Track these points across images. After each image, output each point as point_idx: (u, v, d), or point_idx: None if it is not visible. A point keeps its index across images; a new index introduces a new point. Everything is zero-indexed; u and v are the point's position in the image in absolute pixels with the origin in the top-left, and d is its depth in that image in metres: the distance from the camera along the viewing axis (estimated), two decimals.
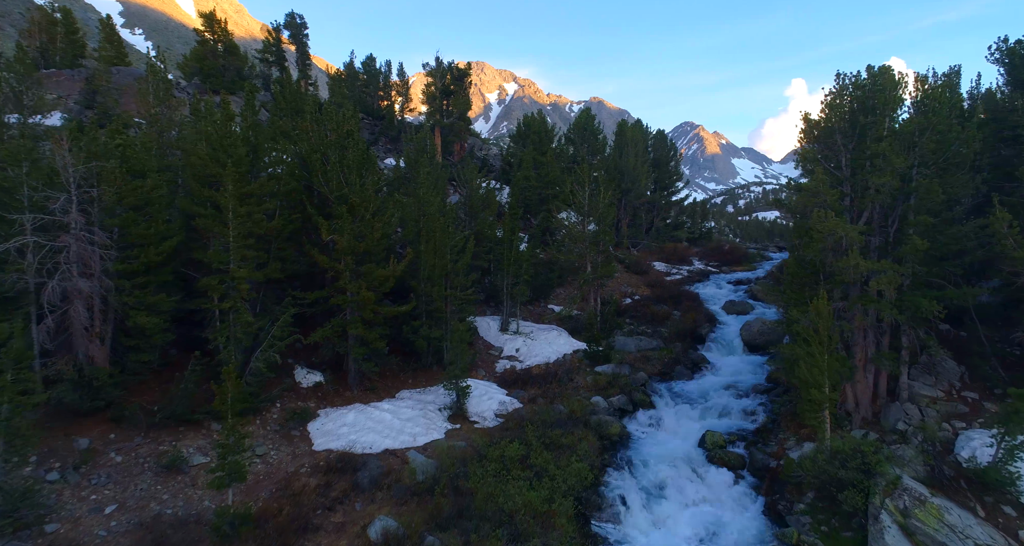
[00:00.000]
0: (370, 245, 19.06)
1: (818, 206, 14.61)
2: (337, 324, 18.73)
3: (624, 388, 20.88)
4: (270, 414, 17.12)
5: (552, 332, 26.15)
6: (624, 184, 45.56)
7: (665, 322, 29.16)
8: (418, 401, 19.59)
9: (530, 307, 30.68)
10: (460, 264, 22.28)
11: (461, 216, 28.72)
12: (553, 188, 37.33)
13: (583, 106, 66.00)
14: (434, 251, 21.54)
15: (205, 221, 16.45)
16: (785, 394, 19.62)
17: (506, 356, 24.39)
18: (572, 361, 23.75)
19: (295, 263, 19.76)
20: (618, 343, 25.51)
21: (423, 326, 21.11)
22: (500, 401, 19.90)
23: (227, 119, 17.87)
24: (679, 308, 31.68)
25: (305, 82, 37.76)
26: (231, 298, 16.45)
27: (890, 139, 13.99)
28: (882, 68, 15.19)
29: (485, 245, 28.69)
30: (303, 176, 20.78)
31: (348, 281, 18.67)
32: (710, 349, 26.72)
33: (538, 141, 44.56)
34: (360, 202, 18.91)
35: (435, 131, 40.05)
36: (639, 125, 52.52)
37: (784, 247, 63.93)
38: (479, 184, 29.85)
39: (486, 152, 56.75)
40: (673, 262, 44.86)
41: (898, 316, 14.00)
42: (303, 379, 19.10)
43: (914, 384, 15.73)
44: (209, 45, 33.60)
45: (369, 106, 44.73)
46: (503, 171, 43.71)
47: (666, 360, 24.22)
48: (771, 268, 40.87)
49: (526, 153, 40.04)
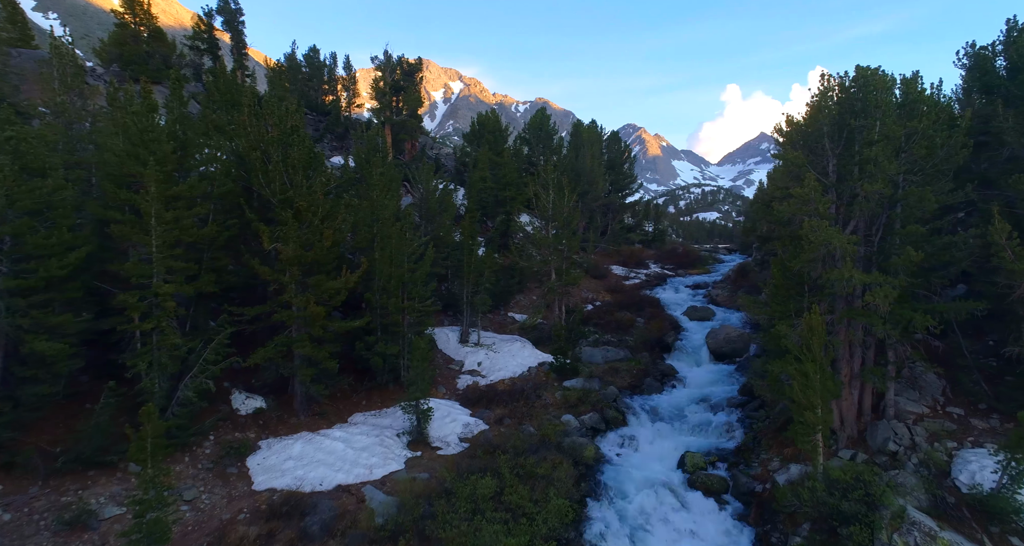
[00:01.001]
0: (319, 254, 17.05)
1: (809, 215, 13.79)
2: (281, 343, 16.63)
3: (595, 405, 19.67)
4: (201, 449, 14.87)
5: (515, 343, 24.71)
6: (581, 186, 44.66)
7: (630, 330, 28.28)
8: (373, 426, 17.72)
9: (490, 316, 29.15)
10: (419, 273, 20.51)
11: (416, 219, 26.87)
12: (511, 190, 35.92)
13: (529, 106, 65.23)
14: (390, 260, 19.70)
15: (122, 228, 14.06)
16: (761, 409, 18.92)
17: (467, 371, 22.77)
18: (538, 375, 22.39)
19: (232, 274, 17.50)
20: (585, 354, 24.36)
21: (378, 342, 19.23)
22: (464, 423, 18.29)
23: (149, 110, 15.47)
24: (642, 315, 30.93)
25: (242, 73, 34.82)
26: (154, 317, 14.13)
27: (882, 144, 13.31)
28: (864, 69, 14.55)
29: (442, 250, 26.99)
30: (241, 176, 18.50)
31: (294, 295, 16.61)
32: (677, 358, 25.98)
33: (493, 141, 43.09)
34: (307, 206, 16.87)
35: (385, 129, 37.87)
36: (594, 126, 51.92)
37: (734, 249, 64.95)
38: (435, 185, 28.07)
39: (438, 151, 54.81)
40: (630, 266, 44.36)
41: (890, 331, 13.34)
42: (241, 406, 16.88)
43: (899, 400, 15.21)
44: (130, 28, 30.23)
45: (313, 101, 41.97)
46: (457, 171, 41.96)
47: (635, 372, 23.22)
48: (728, 271, 40.93)
49: (481, 153, 38.47)
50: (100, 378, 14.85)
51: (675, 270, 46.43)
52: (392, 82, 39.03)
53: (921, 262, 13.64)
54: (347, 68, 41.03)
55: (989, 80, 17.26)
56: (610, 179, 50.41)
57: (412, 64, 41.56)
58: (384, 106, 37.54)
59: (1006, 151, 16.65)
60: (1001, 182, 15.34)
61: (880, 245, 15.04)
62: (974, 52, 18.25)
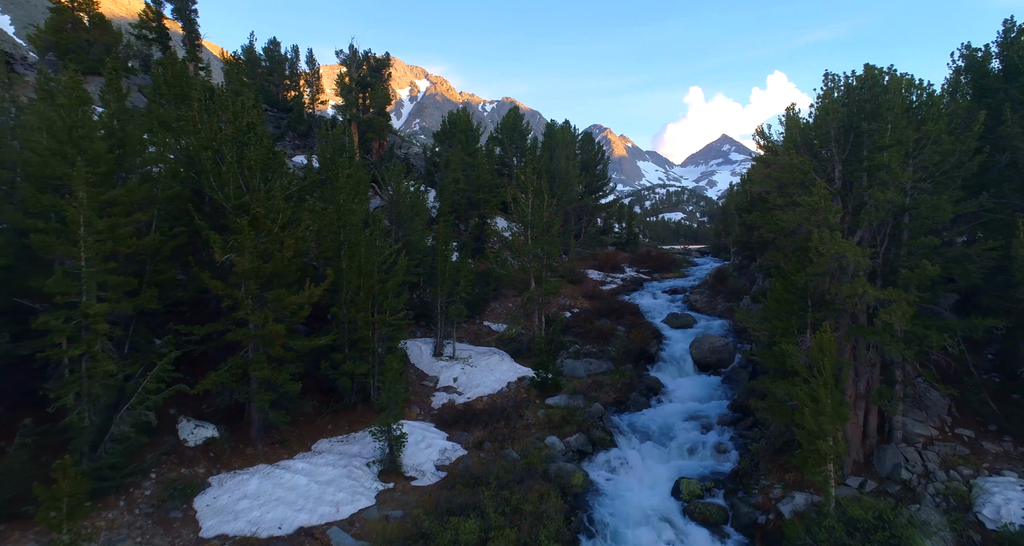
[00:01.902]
0: (279, 265, 15.32)
1: (817, 225, 12.79)
2: (236, 365, 14.85)
3: (581, 425, 18.42)
4: (140, 491, 13.00)
5: (493, 356, 23.29)
6: (555, 188, 43.50)
7: (611, 339, 27.19)
8: (340, 454, 16.07)
9: (464, 325, 27.66)
10: (390, 284, 18.92)
11: (387, 224, 25.20)
12: (485, 192, 34.48)
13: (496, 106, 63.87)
14: (358, 270, 18.07)
15: (44, 238, 12.11)
16: (755, 427, 17.99)
17: (443, 387, 21.25)
18: (518, 392, 21.03)
19: (180, 288, 15.61)
20: (567, 367, 23.12)
21: (346, 360, 17.58)
22: (441, 449, 16.81)
23: (79, 102, 13.49)
24: (622, 322, 29.90)
25: (194, 65, 32.41)
26: (83, 341, 12.23)
27: (896, 149, 12.41)
28: (874, 68, 13.67)
29: (414, 257, 25.38)
30: (192, 178, 16.63)
31: (251, 311, 14.83)
32: (661, 369, 24.98)
33: (464, 141, 41.54)
34: (265, 213, 15.11)
35: (352, 127, 35.95)
36: (567, 127, 50.86)
37: (707, 251, 64.92)
38: (406, 187, 26.43)
39: (407, 151, 52.95)
40: (607, 270, 43.45)
41: (903, 350, 12.45)
42: (190, 436, 15.02)
43: (905, 421, 14.40)
44: (68, 14, 27.60)
45: (273, 96, 39.67)
46: (428, 172, 40.29)
47: (619, 385, 22.08)
48: (705, 276, 40.33)
49: (453, 154, 36.90)
50: (22, 409, 12.89)
51: (651, 274, 45.75)
52: (358, 78, 37.10)
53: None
54: (310, 63, 38.85)
55: (986, 83, 16.68)
56: (584, 181, 49.44)
57: (379, 60, 39.67)
58: (350, 103, 35.59)
59: (1005, 157, 16.04)
60: (1006, 189, 14.69)
61: (885, 257, 14.19)
62: (969, 53, 17.69)
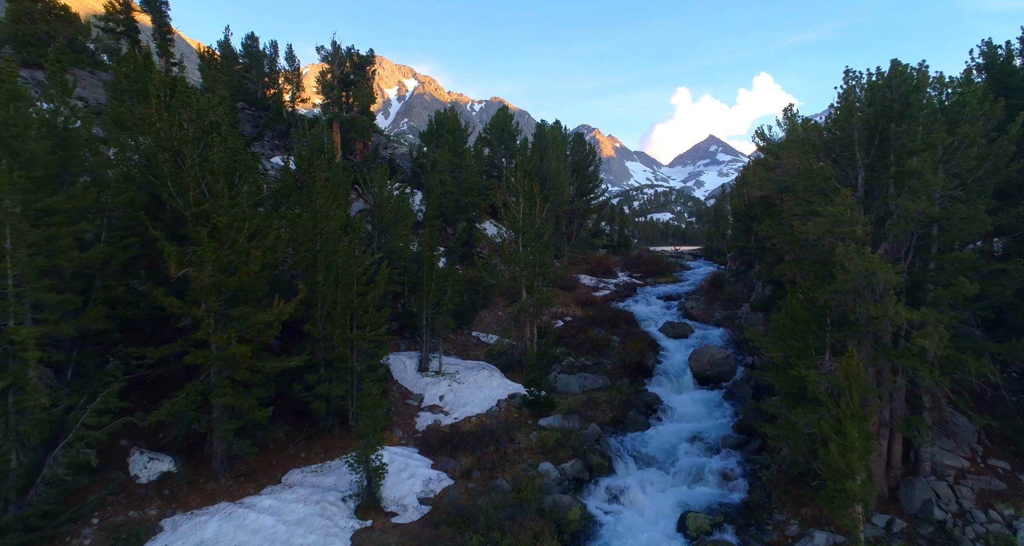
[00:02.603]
0: (245, 280, 13.79)
1: (842, 238, 11.54)
2: (195, 391, 13.30)
3: (577, 449, 17.08)
4: (78, 541, 11.41)
5: (482, 372, 21.87)
6: (546, 190, 42.20)
7: (605, 350, 25.88)
8: (313, 488, 14.57)
9: (452, 336, 26.22)
10: (370, 297, 17.44)
11: (368, 229, 23.69)
12: (473, 195, 33.05)
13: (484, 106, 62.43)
14: (336, 283, 16.61)
15: None
16: (763, 451, 16.74)
17: (428, 406, 19.81)
18: (509, 411, 19.65)
19: (133, 305, 14.02)
20: (560, 382, 21.77)
21: (321, 382, 16.09)
22: (425, 479, 15.36)
23: (10, 98, 11.89)
24: (617, 332, 28.64)
25: (166, 60, 30.63)
26: (10, 371, 10.65)
27: (929, 154, 11.20)
28: (900, 65, 12.46)
29: (398, 265, 23.91)
30: (151, 182, 15.05)
31: (212, 330, 13.31)
32: (659, 383, 23.72)
33: (452, 141, 40.12)
34: (229, 222, 13.59)
35: (333, 126, 34.33)
36: (558, 127, 49.56)
37: (699, 254, 63.97)
38: (390, 190, 24.92)
39: (392, 151, 51.37)
40: (599, 275, 42.22)
41: (938, 377, 11.24)
42: (142, 470, 13.44)
43: (934, 451, 13.21)
44: (27, 4, 25.74)
45: (252, 94, 37.90)
46: (414, 174, 38.77)
47: (616, 403, 20.79)
48: (700, 282, 39.21)
49: (441, 155, 35.45)
50: None
51: (644, 279, 44.58)
52: (341, 75, 35.49)
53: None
54: (290, 59, 37.16)
55: (1012, 81, 15.57)
56: (576, 183, 48.19)
57: (363, 57, 38.06)
58: (332, 101, 33.98)
59: None
60: None
61: (910, 271, 12.98)
62: (989, 51, 16.59)
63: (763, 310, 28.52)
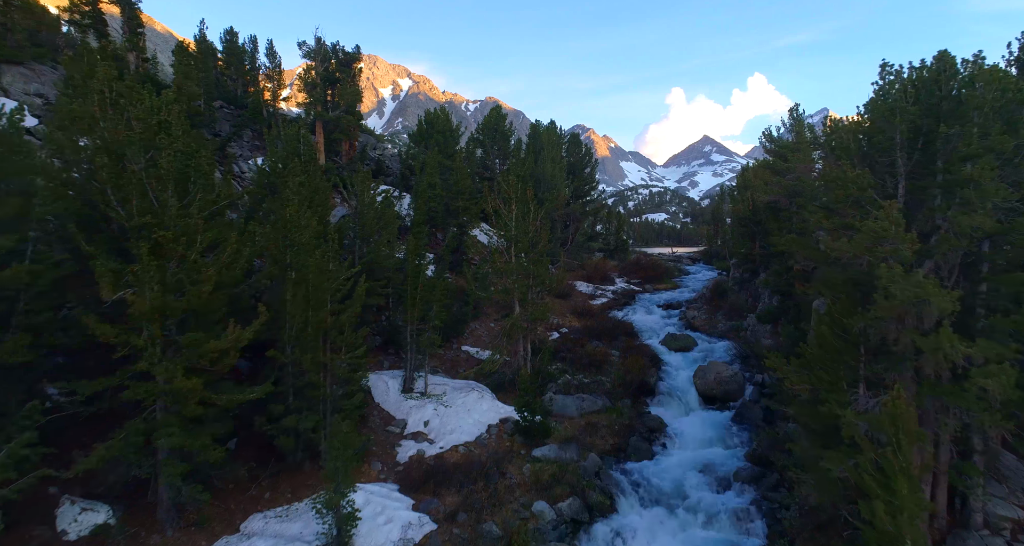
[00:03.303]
0: (197, 302, 12.04)
1: (885, 257, 9.90)
2: (135, 431, 11.54)
3: (575, 485, 15.39)
4: None
5: (471, 393, 20.14)
6: (540, 193, 40.50)
7: (604, 366, 24.20)
8: (276, 538, 12.81)
9: (440, 352, 24.48)
10: (346, 316, 15.68)
11: (350, 237, 21.92)
12: (463, 199, 31.30)
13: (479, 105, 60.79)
14: (306, 301, 14.83)
15: None
16: (781, 487, 15.10)
17: (411, 434, 18.07)
18: (500, 439, 17.94)
19: (65, 333, 12.23)
20: (556, 404, 20.08)
21: (289, 413, 14.33)
22: (404, 523, 13.63)
23: None
24: (616, 345, 27.00)
25: (137, 55, 28.74)
26: None
27: (987, 160, 9.60)
28: (947, 55, 10.83)
29: (381, 276, 22.18)
30: (95, 189, 13.25)
31: (156, 361, 11.54)
32: (662, 404, 22.07)
33: (443, 142, 38.36)
34: (176, 236, 11.82)
35: (316, 126, 32.53)
36: (553, 128, 47.85)
37: (698, 258, 62.39)
38: (373, 196, 23.12)
39: (381, 152, 49.55)
40: (596, 281, 40.55)
41: (1002, 422, 9.62)
42: (72, 524, 11.65)
43: (984, 499, 11.60)
44: None
45: (231, 92, 36.05)
46: (402, 176, 36.98)
47: (617, 427, 19.13)
48: (702, 289, 37.55)
49: (430, 156, 33.67)
50: None
51: (642, 285, 42.93)
52: (324, 72, 33.67)
53: None
54: (271, 55, 35.28)
55: None
56: (571, 185, 46.51)
57: (349, 54, 36.23)
58: (315, 100, 32.15)
59: None
60: None
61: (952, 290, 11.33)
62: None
63: (771, 321, 26.93)
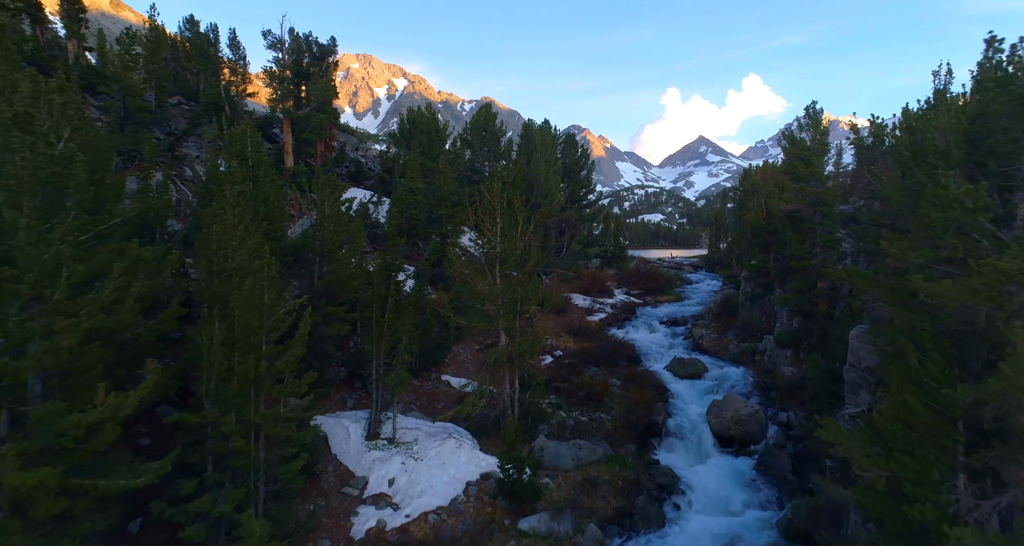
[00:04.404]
0: (58, 360, 8.87)
1: (1018, 311, 6.85)
2: None
3: None
4: None
5: (448, 441, 16.98)
6: (533, 198, 37.42)
7: (604, 400, 21.12)
8: None
9: (417, 383, 21.37)
10: (284, 361, 12.51)
11: (308, 257, 18.78)
12: (447, 206, 28.17)
13: (475, 105, 57.87)
14: (231, 345, 11.67)
15: None
16: None
17: (372, 496, 14.90)
18: (480, 503, 14.81)
19: None
20: (548, 453, 16.96)
21: (204, 491, 11.16)
22: None
23: None
24: (617, 371, 23.99)
25: (77, 43, 25.52)
26: None
27: None
28: None
29: (347, 297, 19.11)
30: None
31: None
32: (672, 447, 19.02)
33: (427, 143, 35.23)
34: (26, 269, 8.65)
35: (284, 125, 29.31)
36: (547, 128, 44.76)
37: (699, 265, 59.43)
38: (338, 203, 19.93)
39: (364, 152, 46.35)
40: (593, 294, 37.51)
41: None
42: None
43: None
44: None
45: (193, 86, 32.81)
46: (382, 180, 33.80)
47: (620, 484, 16.06)
48: (709, 303, 34.50)
49: (411, 158, 30.58)
50: None
51: (643, 297, 39.94)
52: (292, 64, 30.44)
53: None
54: (234, 46, 31.96)
55: None
56: (567, 189, 43.47)
57: (323, 46, 33.02)
58: (282, 95, 28.95)
59: None
60: None
61: None
62: None
63: (791, 346, 23.92)
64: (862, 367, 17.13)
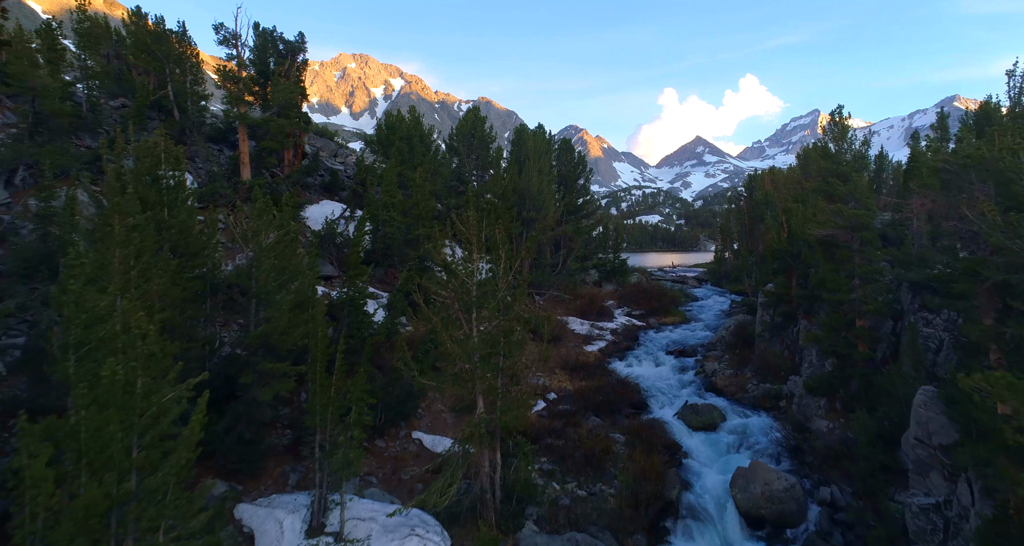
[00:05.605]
0: None
1: None
2: None
3: None
4: None
5: (410, 540, 13.37)
6: (526, 212, 33.88)
7: (605, 464, 17.62)
8: None
9: (381, 440, 17.84)
10: (160, 477, 8.93)
11: (240, 300, 15.21)
12: (425, 225, 24.61)
13: (472, 105, 54.29)
14: (77, 459, 8.12)
15: None
16: None
17: None
18: None
19: None
20: None
21: None
22: None
23: None
24: (619, 421, 20.49)
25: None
26: None
27: None
28: None
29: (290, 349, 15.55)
30: None
31: None
32: (689, 531, 15.48)
33: (408, 151, 31.65)
34: None
35: (240, 131, 25.70)
36: (541, 133, 41.24)
37: (704, 279, 55.88)
38: (285, 228, 16.31)
39: (343, 159, 42.77)
40: (591, 316, 33.95)
41: None
42: None
43: None
44: None
45: (143, 88, 29.21)
46: (354, 192, 30.18)
47: None
48: (721, 330, 30.91)
49: (387, 170, 27.05)
50: None
51: (645, 318, 36.41)
52: (256, 62, 26.87)
53: None
54: (182, 40, 28.19)
55: None
56: (563, 200, 39.93)
57: (290, 42, 29.41)
58: (237, 98, 25.37)
59: None
60: None
61: None
62: None
63: (825, 394, 20.39)
64: (933, 443, 13.65)
